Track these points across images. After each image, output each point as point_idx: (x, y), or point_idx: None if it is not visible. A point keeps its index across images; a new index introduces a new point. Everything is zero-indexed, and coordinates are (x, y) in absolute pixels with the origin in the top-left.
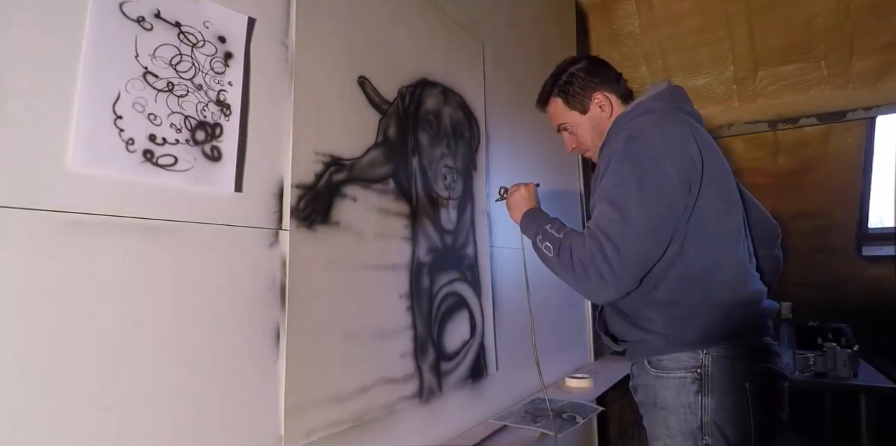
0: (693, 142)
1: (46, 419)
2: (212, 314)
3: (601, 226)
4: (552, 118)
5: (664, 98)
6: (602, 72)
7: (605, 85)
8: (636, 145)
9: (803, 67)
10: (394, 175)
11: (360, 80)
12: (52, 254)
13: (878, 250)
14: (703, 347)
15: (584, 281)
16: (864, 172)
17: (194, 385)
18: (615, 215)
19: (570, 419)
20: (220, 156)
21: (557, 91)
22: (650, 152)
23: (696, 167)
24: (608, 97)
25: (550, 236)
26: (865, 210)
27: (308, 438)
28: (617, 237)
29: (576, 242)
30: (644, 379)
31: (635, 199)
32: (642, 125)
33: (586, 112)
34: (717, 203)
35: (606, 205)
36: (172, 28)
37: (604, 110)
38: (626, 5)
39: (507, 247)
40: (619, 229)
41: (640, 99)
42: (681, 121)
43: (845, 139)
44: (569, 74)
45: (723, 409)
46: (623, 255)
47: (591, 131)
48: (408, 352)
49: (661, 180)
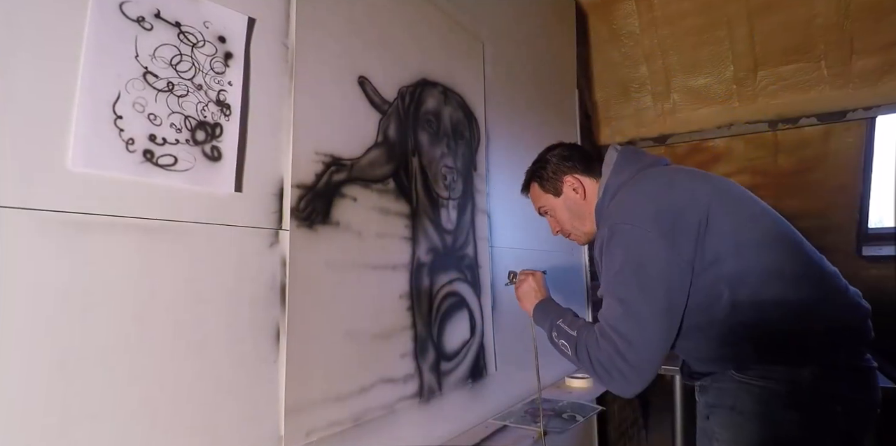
0: (673, 194)
1: (46, 419)
2: (212, 314)
3: (611, 324)
4: (533, 202)
5: (622, 168)
6: (575, 156)
7: (576, 169)
8: (619, 233)
9: (803, 67)
10: (394, 175)
11: (360, 80)
12: (52, 255)
13: (878, 250)
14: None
15: (606, 380)
16: (864, 172)
17: (194, 385)
18: (620, 310)
19: (570, 419)
20: (220, 156)
21: (534, 176)
22: (634, 234)
23: (692, 214)
24: (579, 179)
25: (565, 333)
26: (865, 210)
27: (308, 438)
28: (628, 333)
29: (591, 342)
30: (722, 383)
31: (635, 289)
32: (617, 210)
33: (559, 194)
34: (742, 225)
35: (611, 300)
36: (172, 28)
37: (577, 192)
38: (626, 5)
39: (507, 247)
40: (627, 324)
41: (604, 180)
42: (654, 183)
43: (845, 139)
44: (543, 161)
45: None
46: (639, 350)
47: (569, 213)
48: (408, 352)
49: (655, 260)
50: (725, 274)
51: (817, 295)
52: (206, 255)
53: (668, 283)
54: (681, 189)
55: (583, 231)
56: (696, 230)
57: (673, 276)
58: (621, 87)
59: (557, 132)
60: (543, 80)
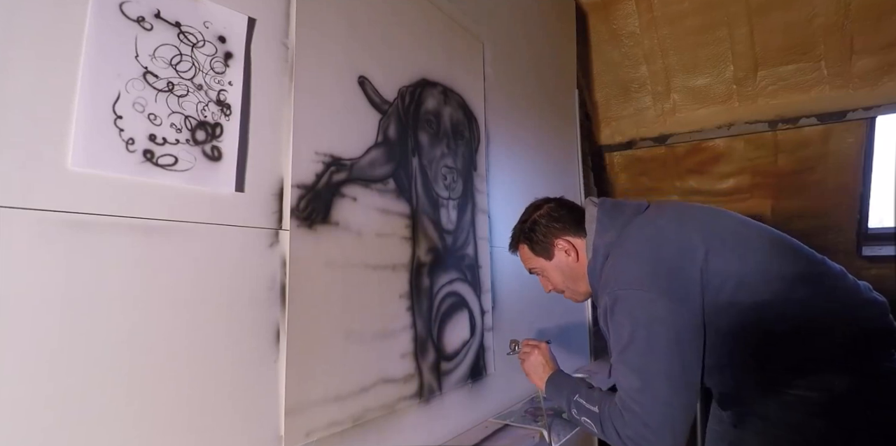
0: (663, 248)
1: (46, 419)
2: (212, 314)
3: (631, 396)
4: (523, 262)
5: (606, 227)
6: (564, 216)
7: (567, 230)
8: (621, 300)
9: (803, 67)
10: (394, 175)
11: (360, 79)
12: (52, 255)
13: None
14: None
15: None
16: (864, 172)
17: (194, 385)
18: (637, 382)
19: (570, 419)
20: (220, 156)
21: (523, 238)
22: (636, 299)
23: (690, 268)
24: (571, 242)
25: (586, 410)
26: (865, 210)
27: (308, 438)
28: (649, 405)
29: (615, 417)
30: (745, 391)
31: (648, 357)
32: (614, 275)
33: (551, 258)
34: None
35: (626, 370)
36: (172, 28)
37: (569, 254)
38: (626, 5)
39: (506, 246)
40: (647, 397)
41: (590, 240)
42: (642, 237)
43: (845, 139)
44: (531, 222)
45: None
46: (663, 416)
47: (562, 275)
48: (408, 352)
49: (661, 320)
50: (738, 305)
51: (832, 302)
52: (206, 255)
53: (678, 345)
54: (673, 241)
55: (578, 291)
56: (698, 282)
57: (682, 335)
58: (621, 87)
59: (557, 132)
60: (543, 80)
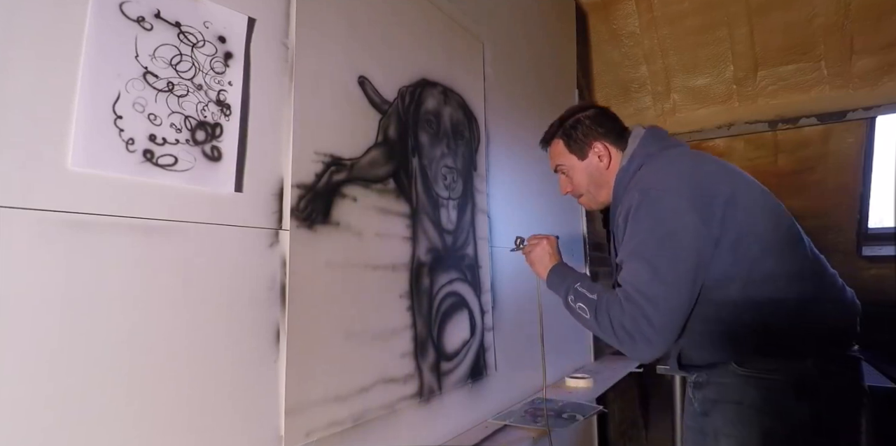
0: (700, 173)
1: (46, 419)
2: (212, 314)
3: (637, 287)
4: (552, 158)
5: (649, 142)
6: (608, 124)
7: (608, 136)
8: (652, 198)
9: (803, 67)
10: (394, 175)
11: (360, 79)
12: (52, 255)
13: (878, 250)
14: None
15: (628, 344)
16: (864, 172)
17: (194, 385)
18: (648, 275)
19: (570, 418)
20: (220, 156)
21: (561, 133)
22: (668, 202)
23: (717, 197)
24: (608, 148)
25: (584, 297)
26: (865, 210)
27: (308, 438)
28: (655, 297)
29: (613, 306)
30: (723, 378)
31: (666, 254)
32: (649, 175)
33: (584, 158)
34: (755, 218)
35: (637, 264)
36: (172, 28)
37: (602, 160)
38: (626, 5)
39: (507, 247)
40: (655, 289)
41: (630, 150)
42: (682, 159)
43: (845, 139)
44: (575, 120)
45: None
46: (664, 314)
47: (587, 178)
48: (408, 352)
49: (686, 229)
50: (737, 261)
51: (818, 294)
52: (205, 255)
53: (697, 255)
54: (709, 172)
55: (597, 198)
56: (722, 211)
57: (701, 250)
58: (621, 87)
59: None
60: (543, 79)
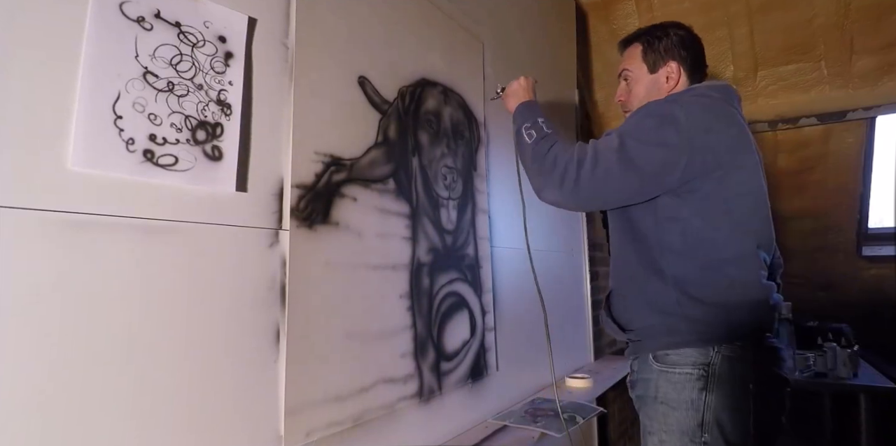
0: (725, 132)
1: (46, 419)
2: (212, 314)
3: (598, 147)
4: (623, 61)
5: (719, 90)
6: (693, 50)
7: (686, 62)
8: (673, 107)
9: (803, 67)
10: (394, 175)
11: (360, 79)
12: (52, 255)
13: (878, 250)
14: (715, 344)
15: (544, 174)
16: (864, 172)
17: (194, 385)
18: (616, 147)
19: (570, 419)
20: (220, 156)
21: (644, 40)
22: (681, 117)
23: (718, 154)
24: (681, 72)
25: (539, 128)
26: (865, 210)
27: (308, 438)
28: (605, 160)
29: (561, 142)
30: (646, 374)
31: (644, 146)
32: (689, 98)
33: (654, 72)
34: (738, 191)
35: (616, 138)
36: (172, 28)
37: (668, 81)
38: (626, 5)
39: (507, 247)
40: (612, 157)
41: (699, 85)
42: (726, 113)
43: (845, 139)
44: (664, 32)
45: (725, 408)
46: (597, 180)
47: (645, 91)
48: (408, 352)
49: (676, 144)
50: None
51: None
52: (206, 255)
53: (662, 167)
54: (731, 134)
55: None
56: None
57: (669, 166)
58: None
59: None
60: (543, 79)
